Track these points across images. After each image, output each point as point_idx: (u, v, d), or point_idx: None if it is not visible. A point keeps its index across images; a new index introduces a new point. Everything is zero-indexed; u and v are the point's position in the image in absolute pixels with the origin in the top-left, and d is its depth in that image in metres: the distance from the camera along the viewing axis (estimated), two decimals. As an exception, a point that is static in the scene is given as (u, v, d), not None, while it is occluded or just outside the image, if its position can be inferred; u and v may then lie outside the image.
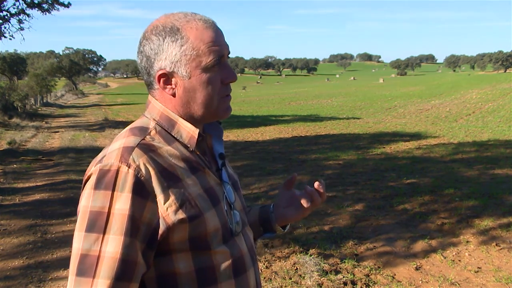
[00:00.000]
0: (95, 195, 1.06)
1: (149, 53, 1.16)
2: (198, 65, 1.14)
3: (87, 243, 1.04)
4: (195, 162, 1.19)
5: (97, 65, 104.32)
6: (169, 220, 1.08)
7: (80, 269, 1.03)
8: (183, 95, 1.17)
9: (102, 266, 1.02)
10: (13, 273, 4.73)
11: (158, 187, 1.08)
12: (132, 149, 1.10)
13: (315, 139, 15.25)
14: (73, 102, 51.24)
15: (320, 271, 4.40)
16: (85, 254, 1.03)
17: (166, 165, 1.12)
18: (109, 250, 1.03)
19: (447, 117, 22.05)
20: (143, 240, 1.07)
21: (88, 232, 1.05)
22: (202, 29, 1.15)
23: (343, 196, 7.43)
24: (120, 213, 1.05)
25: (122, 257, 1.03)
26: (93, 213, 1.05)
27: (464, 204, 6.78)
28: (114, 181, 1.06)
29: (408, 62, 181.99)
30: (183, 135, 1.19)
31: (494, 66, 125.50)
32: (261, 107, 32.91)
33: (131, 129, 1.19)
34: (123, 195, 1.05)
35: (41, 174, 9.87)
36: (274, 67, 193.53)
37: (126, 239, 1.04)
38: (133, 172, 1.07)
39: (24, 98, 29.96)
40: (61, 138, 17.03)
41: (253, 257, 1.28)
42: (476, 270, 4.62)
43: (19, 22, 20.09)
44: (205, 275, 1.14)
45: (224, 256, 1.17)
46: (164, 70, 1.15)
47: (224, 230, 1.18)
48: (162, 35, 1.14)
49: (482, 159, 10.69)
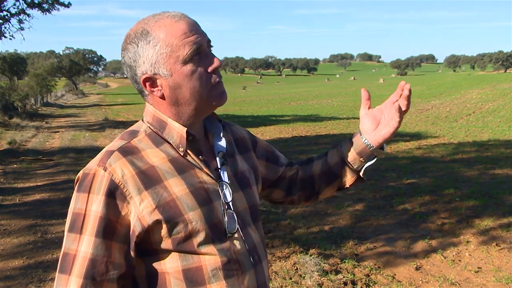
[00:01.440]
0: (77, 197, 1.12)
1: (129, 62, 1.18)
2: (176, 60, 1.14)
3: (68, 242, 1.11)
4: (184, 162, 1.19)
5: (97, 65, 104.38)
6: (145, 221, 1.11)
7: (61, 266, 1.10)
8: (171, 94, 1.17)
9: (76, 265, 1.08)
10: (13, 273, 4.74)
11: (134, 189, 1.11)
12: (111, 152, 1.14)
13: (315, 139, 15.25)
14: (73, 102, 51.24)
15: (320, 271, 4.40)
16: (66, 253, 1.10)
17: (146, 167, 1.14)
18: (83, 250, 1.09)
19: (447, 117, 22.03)
20: (124, 241, 1.12)
21: (69, 232, 1.11)
22: (172, 24, 1.14)
23: (343, 196, 7.42)
24: (94, 215, 1.09)
25: (92, 257, 1.08)
26: (74, 214, 1.11)
27: (464, 204, 6.78)
28: (90, 184, 1.11)
29: (408, 62, 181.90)
30: (174, 135, 1.20)
31: (494, 66, 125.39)
32: (261, 107, 32.90)
33: (123, 134, 1.23)
34: (98, 197, 1.10)
35: (41, 174, 9.87)
36: (274, 67, 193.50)
37: (96, 240, 1.09)
38: (108, 175, 1.10)
39: (24, 98, 29.97)
40: (61, 138, 17.03)
41: (254, 259, 1.25)
42: (476, 270, 4.62)
43: (19, 22, 20.12)
44: (192, 276, 1.15)
45: (212, 257, 1.16)
46: (146, 74, 1.16)
47: (215, 230, 1.17)
48: (135, 42, 1.16)
49: (482, 159, 10.68)
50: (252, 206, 1.32)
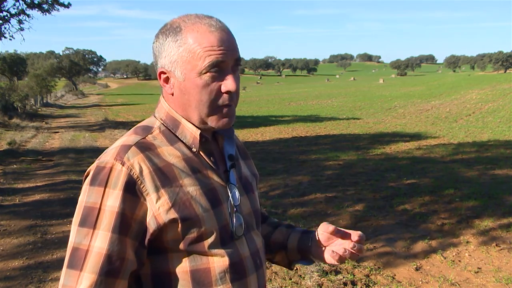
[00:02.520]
0: (90, 191, 1.09)
1: (155, 51, 1.19)
2: (193, 68, 1.12)
3: (79, 237, 1.07)
4: (197, 163, 1.18)
5: (97, 66, 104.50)
6: (161, 219, 1.09)
7: (71, 262, 1.07)
8: (179, 96, 1.17)
9: (89, 260, 1.05)
10: (13, 273, 4.73)
11: (151, 186, 1.09)
12: (128, 147, 1.12)
13: (315, 140, 15.26)
14: (73, 102, 51.26)
15: (320, 272, 4.40)
16: (76, 248, 1.07)
17: (163, 164, 1.12)
18: (97, 245, 1.06)
19: (447, 117, 22.04)
20: (135, 237, 1.09)
21: (80, 227, 1.08)
22: (204, 33, 1.12)
23: (343, 196, 7.42)
24: (110, 210, 1.07)
25: (108, 253, 1.06)
26: (86, 208, 1.08)
27: (464, 204, 6.78)
28: (107, 178, 1.08)
29: (408, 62, 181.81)
30: (187, 135, 1.19)
31: (494, 67, 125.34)
32: (261, 108, 32.92)
33: (136, 128, 1.21)
34: (115, 192, 1.07)
35: (41, 175, 9.86)
36: (274, 67, 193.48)
37: (113, 236, 1.06)
38: (126, 170, 1.08)
39: (24, 99, 29.99)
40: (61, 138, 17.04)
41: (256, 263, 1.25)
42: (476, 270, 4.62)
43: (19, 23, 20.07)
44: (200, 277, 1.14)
45: (221, 259, 1.15)
46: (163, 68, 1.16)
47: (223, 233, 1.16)
48: (166, 34, 1.15)
49: (482, 159, 10.69)
50: (255, 211, 1.32)
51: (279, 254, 1.45)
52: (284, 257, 1.45)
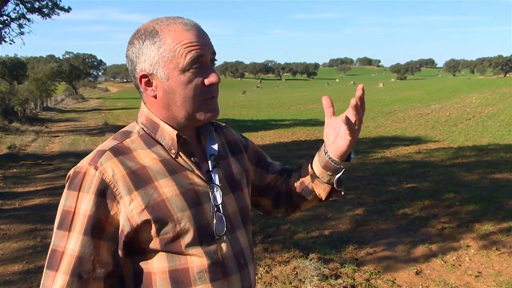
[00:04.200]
0: (67, 195, 1.15)
1: (131, 57, 1.20)
2: (176, 66, 1.15)
3: (57, 239, 1.12)
4: (175, 164, 1.20)
5: (97, 70, 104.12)
6: (134, 221, 1.11)
7: (49, 263, 1.12)
8: (164, 97, 1.18)
9: (63, 262, 1.10)
10: (13, 277, 4.73)
11: (124, 189, 1.12)
12: (103, 152, 1.16)
13: (315, 144, 15.23)
14: (73, 106, 51.25)
15: (320, 276, 4.39)
16: (54, 249, 1.12)
17: (137, 167, 1.15)
18: (70, 247, 1.10)
19: (447, 121, 22.03)
20: (112, 239, 1.13)
21: (58, 229, 1.13)
22: (181, 31, 1.15)
23: (343, 200, 7.42)
24: (83, 213, 1.11)
25: (79, 254, 1.10)
26: (64, 211, 1.13)
27: (464, 208, 6.78)
28: (81, 182, 1.13)
29: (408, 66, 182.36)
30: (166, 138, 1.21)
31: (494, 71, 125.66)
32: (261, 112, 32.92)
33: (116, 134, 1.25)
34: (88, 196, 1.11)
35: (41, 179, 9.86)
36: (274, 71, 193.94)
37: (84, 238, 1.10)
38: (98, 175, 1.12)
39: (24, 103, 29.97)
40: (61, 142, 17.03)
41: (240, 263, 1.25)
42: (476, 274, 4.61)
43: (20, 27, 20.04)
44: (178, 277, 1.16)
45: (199, 259, 1.17)
46: (145, 71, 1.18)
47: (202, 232, 1.17)
48: (142, 38, 1.17)
49: (482, 163, 10.68)
50: (242, 209, 1.32)
51: (317, 187, 1.41)
52: (323, 185, 1.39)
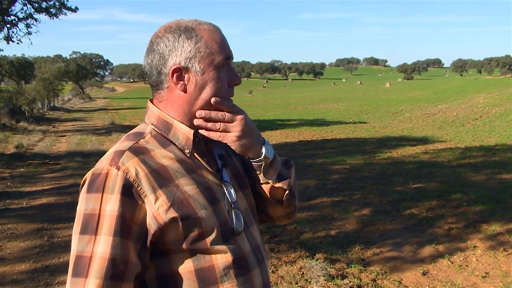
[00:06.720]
0: (88, 199, 1.11)
1: (163, 50, 1.20)
2: (211, 62, 1.19)
3: (81, 244, 1.09)
4: (191, 163, 1.20)
5: (104, 69, 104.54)
6: (161, 219, 1.11)
7: (75, 270, 1.08)
8: (193, 90, 1.20)
9: (93, 266, 1.06)
10: (20, 276, 4.75)
11: (149, 188, 1.11)
12: (122, 152, 1.14)
13: (321, 144, 15.24)
14: (80, 106, 51.48)
15: (326, 276, 4.39)
16: (80, 256, 1.08)
17: (158, 166, 1.15)
18: (100, 250, 1.07)
19: (454, 121, 21.96)
20: (137, 240, 1.11)
21: (82, 234, 1.09)
22: (213, 31, 1.22)
23: (349, 200, 7.41)
24: (110, 214, 1.08)
25: (112, 256, 1.07)
26: (86, 215, 1.10)
27: (472, 209, 6.75)
28: (103, 183, 1.10)
29: (415, 66, 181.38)
30: (179, 137, 1.21)
31: (501, 71, 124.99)
32: (267, 111, 32.93)
33: (128, 135, 1.23)
34: (113, 196, 1.09)
35: (48, 178, 9.91)
36: (280, 71, 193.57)
37: (115, 239, 1.08)
38: (122, 174, 1.10)
39: (32, 102, 30.14)
40: (68, 142, 17.11)
41: (258, 258, 1.27)
42: (483, 275, 4.59)
43: (27, 27, 20.15)
44: (205, 276, 1.15)
45: (224, 255, 1.17)
46: (179, 65, 1.19)
47: (224, 229, 1.18)
48: (178, 33, 1.19)
49: (490, 163, 10.64)
50: (251, 207, 1.34)
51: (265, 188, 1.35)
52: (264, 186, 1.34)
